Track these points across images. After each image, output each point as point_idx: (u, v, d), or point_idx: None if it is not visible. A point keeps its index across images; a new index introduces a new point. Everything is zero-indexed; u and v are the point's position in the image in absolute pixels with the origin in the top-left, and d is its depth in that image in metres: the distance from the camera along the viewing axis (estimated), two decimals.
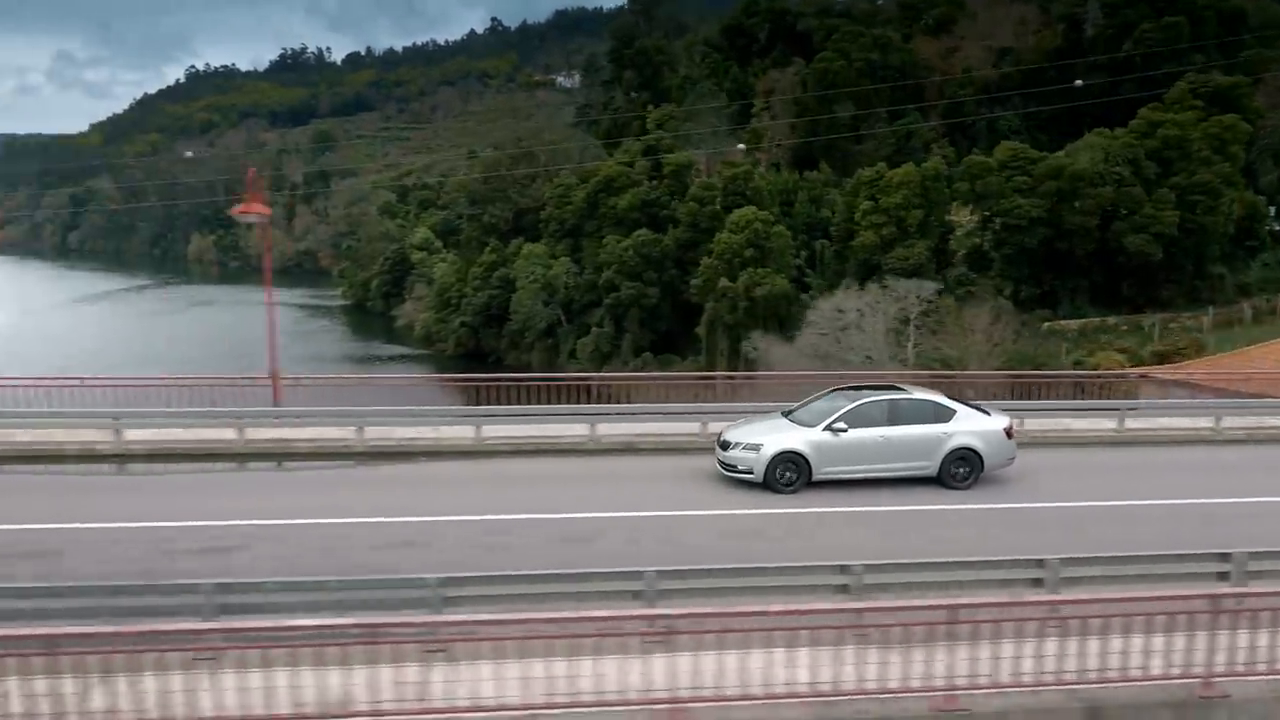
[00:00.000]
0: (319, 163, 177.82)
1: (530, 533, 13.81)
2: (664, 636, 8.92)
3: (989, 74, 73.54)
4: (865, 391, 16.72)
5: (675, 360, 63.78)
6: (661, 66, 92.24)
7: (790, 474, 15.65)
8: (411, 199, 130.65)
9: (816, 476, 15.71)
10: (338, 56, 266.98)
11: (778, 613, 8.93)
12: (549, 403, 20.18)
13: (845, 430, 15.71)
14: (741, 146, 72.19)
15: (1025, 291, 55.42)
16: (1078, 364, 44.63)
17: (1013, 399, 21.12)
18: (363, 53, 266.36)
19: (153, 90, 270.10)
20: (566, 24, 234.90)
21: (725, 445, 16.31)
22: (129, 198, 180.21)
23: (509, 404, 20.04)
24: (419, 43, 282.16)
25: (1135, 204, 54.01)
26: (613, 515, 14.60)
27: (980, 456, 15.95)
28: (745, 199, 61.56)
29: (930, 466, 15.93)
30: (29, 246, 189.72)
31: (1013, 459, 16.43)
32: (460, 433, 18.86)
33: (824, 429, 15.78)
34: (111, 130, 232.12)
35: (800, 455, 15.64)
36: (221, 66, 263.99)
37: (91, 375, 20.79)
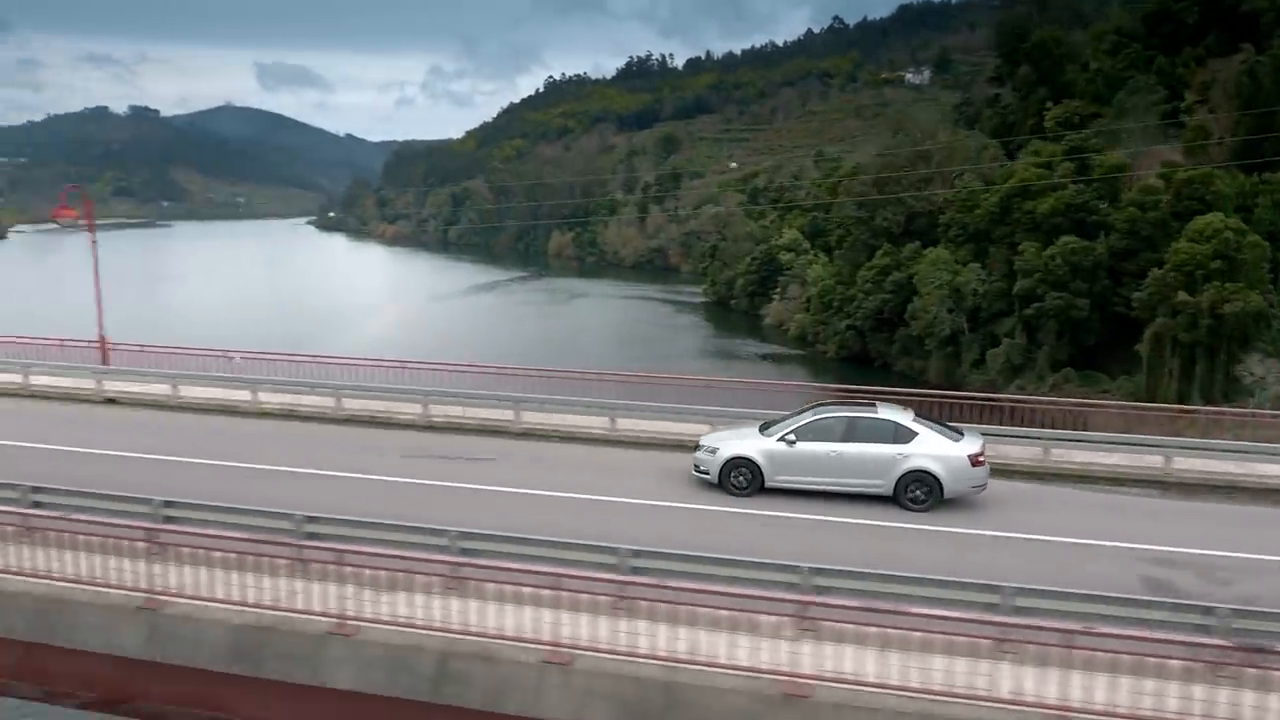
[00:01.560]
0: (665, 164, 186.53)
1: None
2: None
3: None
4: (832, 406, 17.24)
5: (1102, 379, 59.09)
6: (1061, 60, 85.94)
7: (742, 479, 16.52)
8: (762, 199, 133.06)
9: (769, 483, 16.49)
10: (679, 62, 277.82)
11: None
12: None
13: (795, 442, 16.32)
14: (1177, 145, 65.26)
15: None
16: None
17: None
18: (702, 57, 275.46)
19: (516, 99, 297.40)
20: (910, 18, 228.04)
21: (696, 447, 17.35)
22: (498, 197, 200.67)
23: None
24: (757, 45, 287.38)
25: None
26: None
27: (939, 480, 15.77)
28: (1203, 205, 55.52)
29: (884, 485, 16.06)
30: (417, 240, 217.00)
31: (981, 486, 16.16)
32: None
33: (778, 439, 16.50)
34: (482, 136, 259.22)
35: (753, 462, 16.46)
36: (574, 75, 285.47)
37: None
